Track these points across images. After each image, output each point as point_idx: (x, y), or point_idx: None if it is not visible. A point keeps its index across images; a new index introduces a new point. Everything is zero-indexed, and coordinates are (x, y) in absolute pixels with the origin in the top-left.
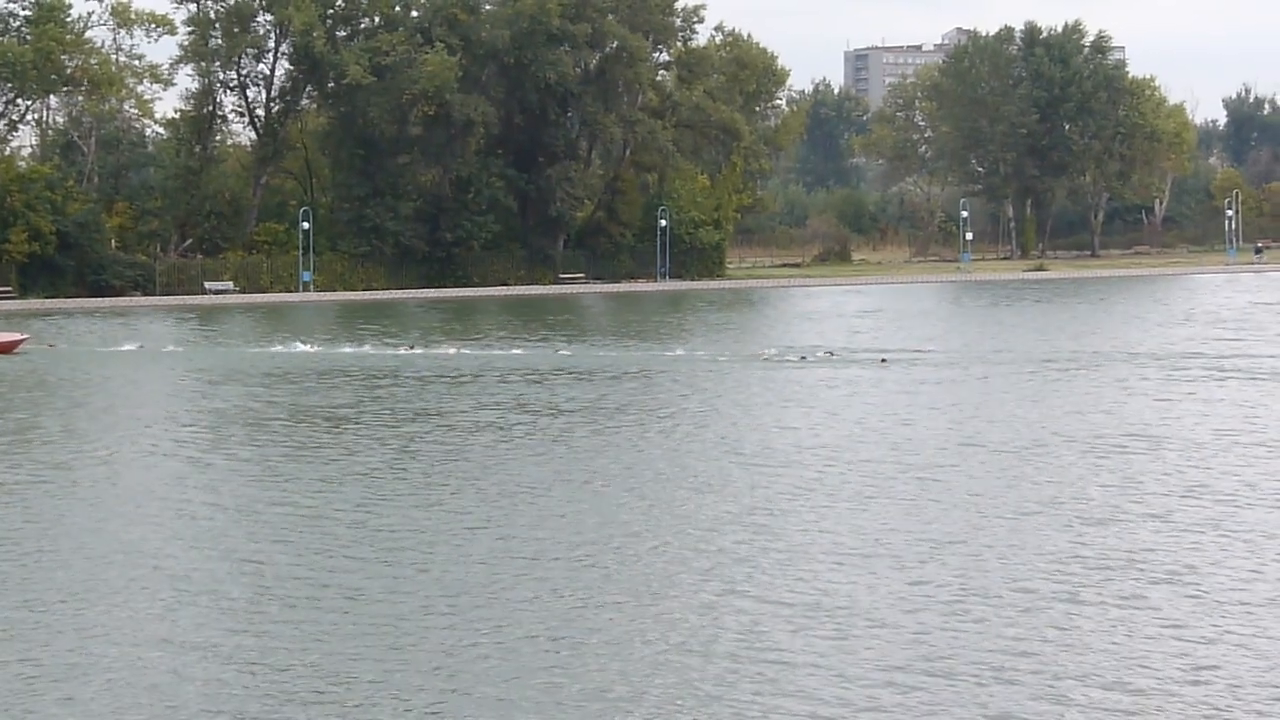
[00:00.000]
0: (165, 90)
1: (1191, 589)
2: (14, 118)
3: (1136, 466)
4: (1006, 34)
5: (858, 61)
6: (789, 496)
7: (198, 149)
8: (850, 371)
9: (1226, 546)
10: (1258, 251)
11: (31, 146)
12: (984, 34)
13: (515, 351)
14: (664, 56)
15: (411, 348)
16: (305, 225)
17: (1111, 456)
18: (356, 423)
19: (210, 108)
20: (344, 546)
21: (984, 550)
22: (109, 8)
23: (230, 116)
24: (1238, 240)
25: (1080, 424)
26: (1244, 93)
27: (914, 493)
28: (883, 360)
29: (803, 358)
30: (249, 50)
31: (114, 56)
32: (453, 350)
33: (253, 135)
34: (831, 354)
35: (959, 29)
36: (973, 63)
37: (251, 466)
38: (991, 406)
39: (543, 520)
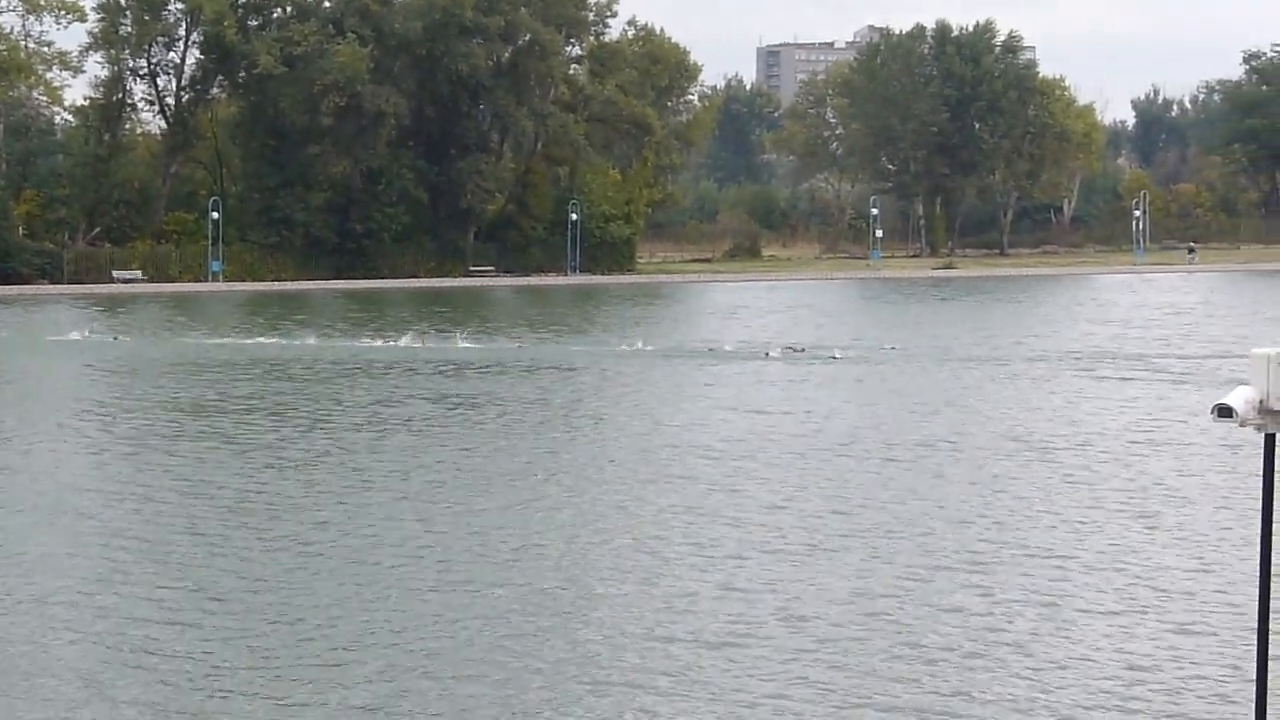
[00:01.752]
0: (74, 77)
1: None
2: None
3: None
4: (918, 32)
5: (770, 58)
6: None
7: (107, 137)
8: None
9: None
10: (1190, 251)
11: None
12: (896, 32)
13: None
14: (576, 50)
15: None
16: (215, 215)
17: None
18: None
19: (120, 95)
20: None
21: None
22: None
23: (140, 105)
24: (1145, 240)
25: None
26: (1152, 94)
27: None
28: (834, 357)
29: (768, 354)
30: (159, 38)
31: (23, 43)
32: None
33: (163, 124)
34: (801, 350)
35: (871, 27)
36: (884, 61)
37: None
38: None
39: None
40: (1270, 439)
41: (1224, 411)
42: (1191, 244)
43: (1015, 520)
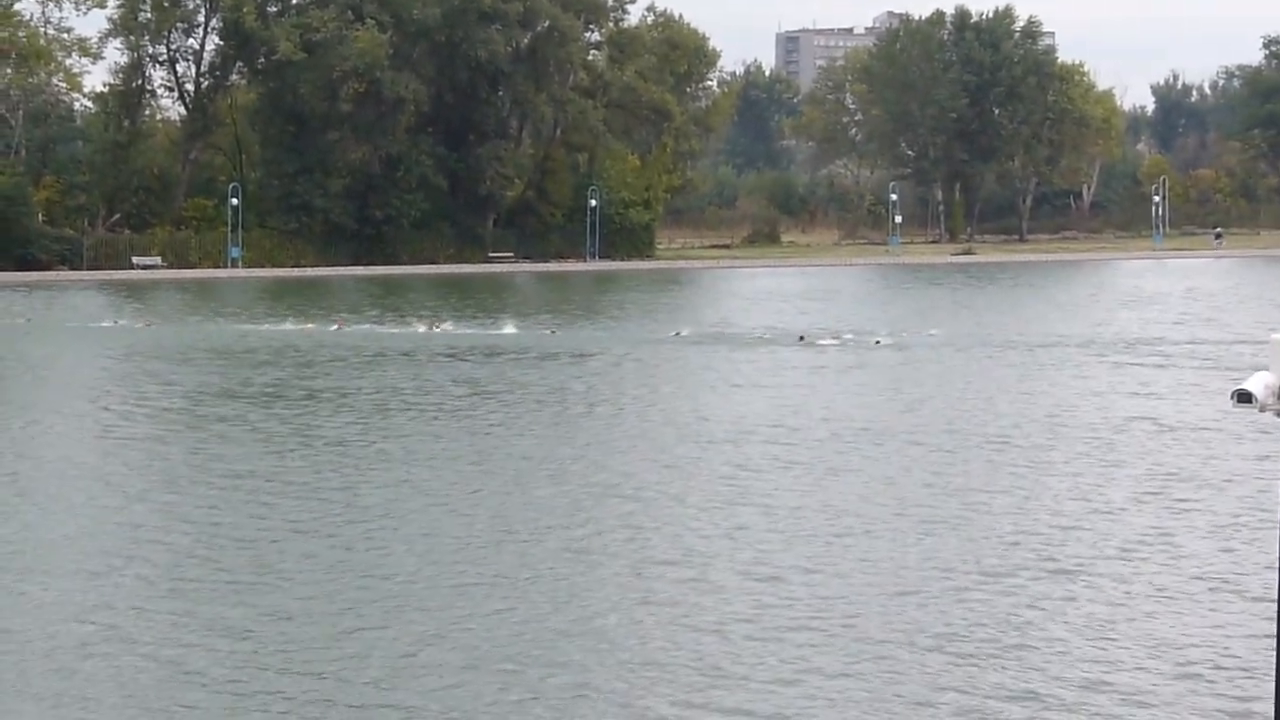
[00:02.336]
0: (94, 64)
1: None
2: None
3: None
4: (938, 18)
5: (789, 44)
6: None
7: (126, 123)
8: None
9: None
10: (1217, 237)
11: None
12: (915, 18)
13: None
14: (595, 36)
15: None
16: (234, 201)
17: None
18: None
19: (139, 82)
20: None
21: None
22: None
23: (159, 91)
24: (1165, 226)
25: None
26: (1172, 79)
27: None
28: (877, 342)
29: (800, 338)
30: (179, 25)
31: (42, 29)
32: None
33: (182, 110)
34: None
35: (890, 12)
36: (903, 46)
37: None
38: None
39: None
40: None
41: (1244, 397)
42: (1219, 229)
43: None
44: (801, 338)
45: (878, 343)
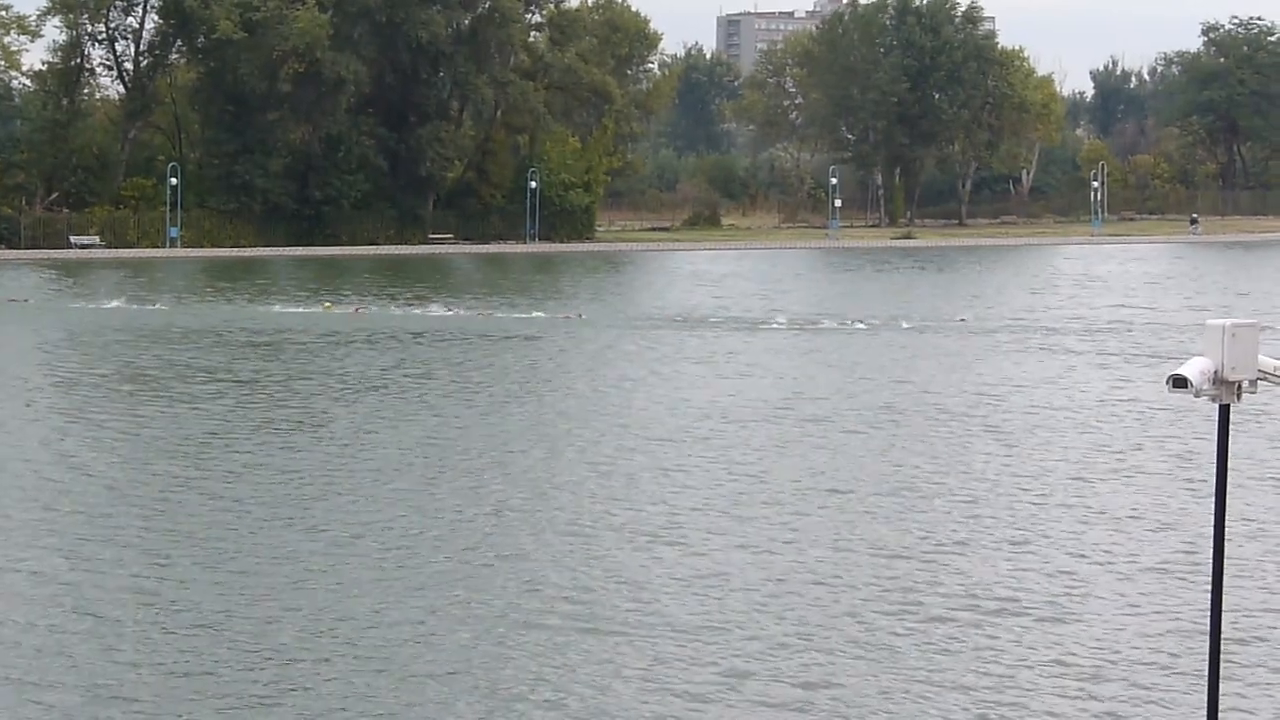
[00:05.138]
0: (32, 42)
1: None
2: None
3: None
4: (881, 3)
5: (730, 27)
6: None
7: (65, 102)
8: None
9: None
10: (1193, 223)
11: None
12: (859, 2)
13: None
14: (536, 18)
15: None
16: (173, 181)
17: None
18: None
19: (78, 60)
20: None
21: None
22: None
23: (98, 70)
24: (1103, 211)
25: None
26: (1111, 65)
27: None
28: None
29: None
30: (118, 3)
31: None
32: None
33: (121, 89)
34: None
35: None
36: (845, 30)
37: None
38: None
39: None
40: (1225, 410)
41: (1179, 382)
42: (1195, 215)
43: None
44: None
45: (902, 326)
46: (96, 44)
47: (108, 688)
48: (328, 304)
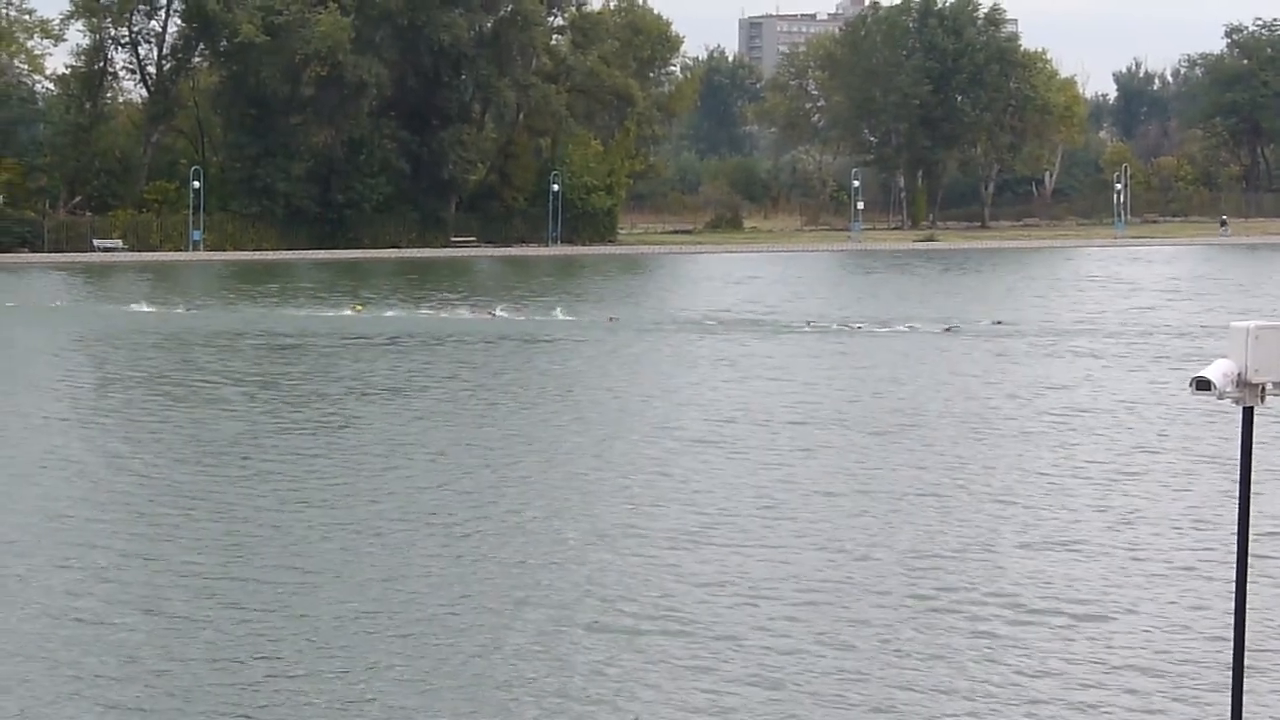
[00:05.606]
0: (56, 46)
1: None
2: None
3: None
4: (905, 6)
5: (752, 29)
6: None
7: (88, 106)
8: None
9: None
10: (1222, 224)
11: None
12: (881, 5)
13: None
14: (558, 21)
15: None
16: (196, 184)
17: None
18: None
19: (101, 64)
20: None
21: None
22: None
23: (121, 73)
24: (1126, 214)
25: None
26: (1134, 67)
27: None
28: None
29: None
30: (141, 6)
31: (4, 11)
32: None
33: (144, 93)
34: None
35: None
36: (868, 32)
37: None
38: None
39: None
40: (1248, 412)
41: (1202, 384)
42: (1224, 217)
43: None
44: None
45: (948, 329)
46: (119, 48)
47: (172, 686)
48: (358, 306)
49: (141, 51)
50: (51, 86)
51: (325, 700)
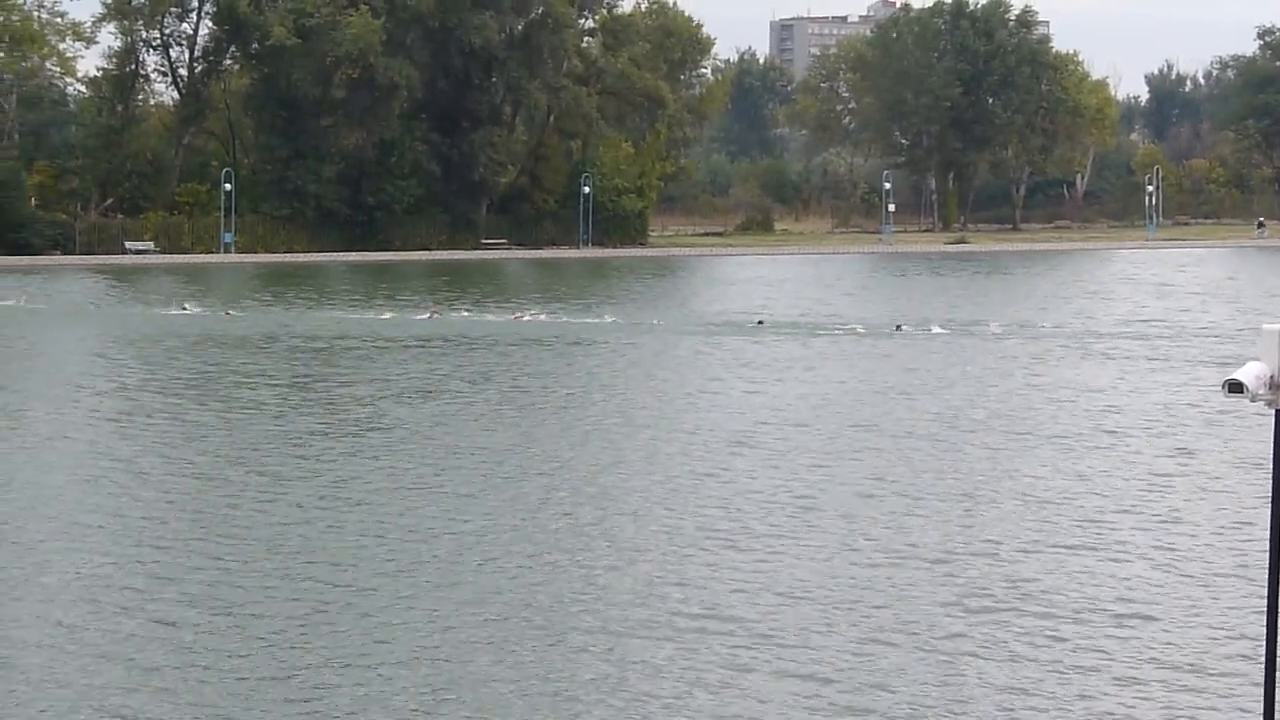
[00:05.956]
0: (87, 48)
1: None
2: None
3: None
4: (937, 8)
5: (783, 31)
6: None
7: (119, 108)
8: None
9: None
10: (1259, 226)
11: None
12: (913, 7)
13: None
14: (589, 23)
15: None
16: (227, 186)
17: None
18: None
19: (132, 66)
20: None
21: None
22: None
23: (153, 76)
24: (1158, 216)
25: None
26: (1166, 69)
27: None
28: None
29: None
30: (172, 9)
31: (36, 14)
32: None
33: (175, 95)
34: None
35: (884, 1)
36: (899, 34)
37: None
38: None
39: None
40: None
41: (1234, 387)
42: (1261, 219)
43: None
44: (899, 327)
45: (993, 333)
46: (151, 50)
47: (186, 696)
48: (436, 308)
49: (173, 54)
50: (83, 89)
51: (379, 699)
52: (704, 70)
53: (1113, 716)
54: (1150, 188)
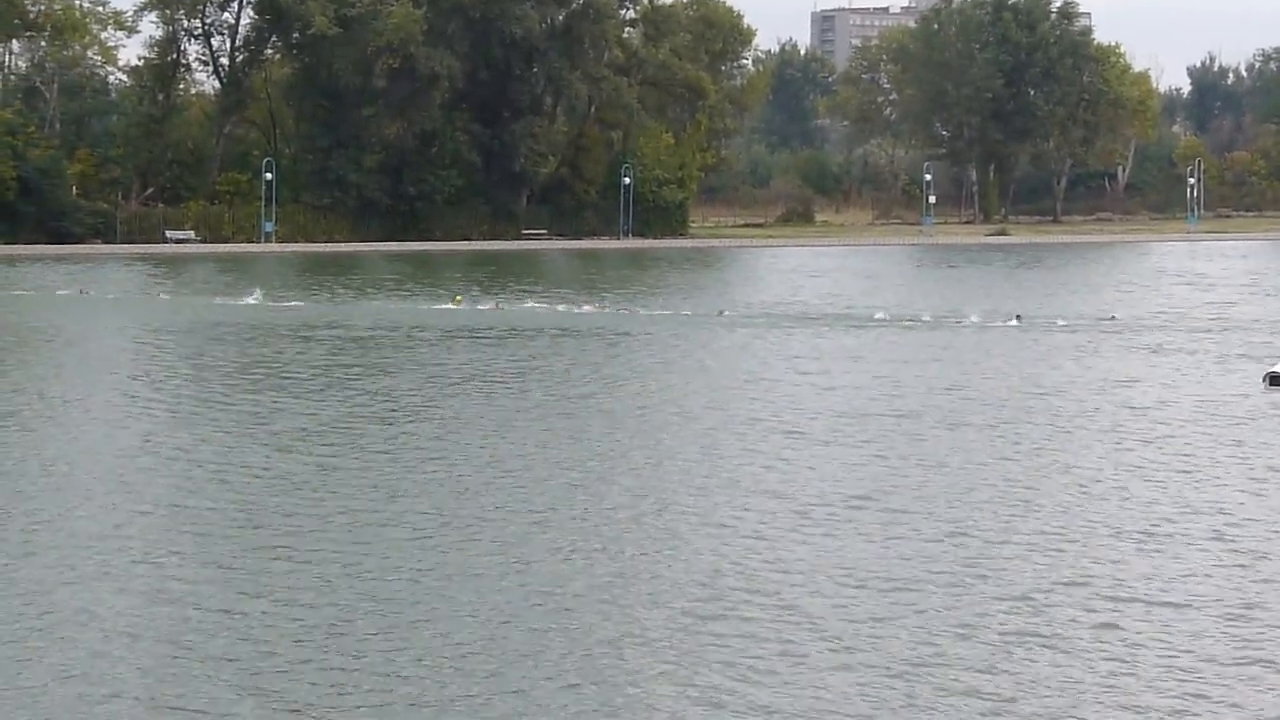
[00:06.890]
0: (129, 37)
1: None
2: None
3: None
4: (979, 0)
5: (824, 23)
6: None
7: (161, 97)
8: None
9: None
10: None
11: None
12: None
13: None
14: (630, 14)
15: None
16: (268, 176)
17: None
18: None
19: (174, 56)
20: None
21: None
22: None
23: (194, 65)
24: (1199, 208)
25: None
26: (1208, 61)
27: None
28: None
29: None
30: None
31: (78, 2)
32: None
33: (216, 84)
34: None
35: None
36: (941, 26)
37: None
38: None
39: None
40: None
41: (1275, 380)
42: None
43: None
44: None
45: (1058, 324)
46: (192, 39)
47: (252, 682)
48: (458, 298)
49: (214, 43)
50: (125, 78)
51: (438, 687)
52: (745, 61)
53: (1162, 703)
54: (1192, 180)
